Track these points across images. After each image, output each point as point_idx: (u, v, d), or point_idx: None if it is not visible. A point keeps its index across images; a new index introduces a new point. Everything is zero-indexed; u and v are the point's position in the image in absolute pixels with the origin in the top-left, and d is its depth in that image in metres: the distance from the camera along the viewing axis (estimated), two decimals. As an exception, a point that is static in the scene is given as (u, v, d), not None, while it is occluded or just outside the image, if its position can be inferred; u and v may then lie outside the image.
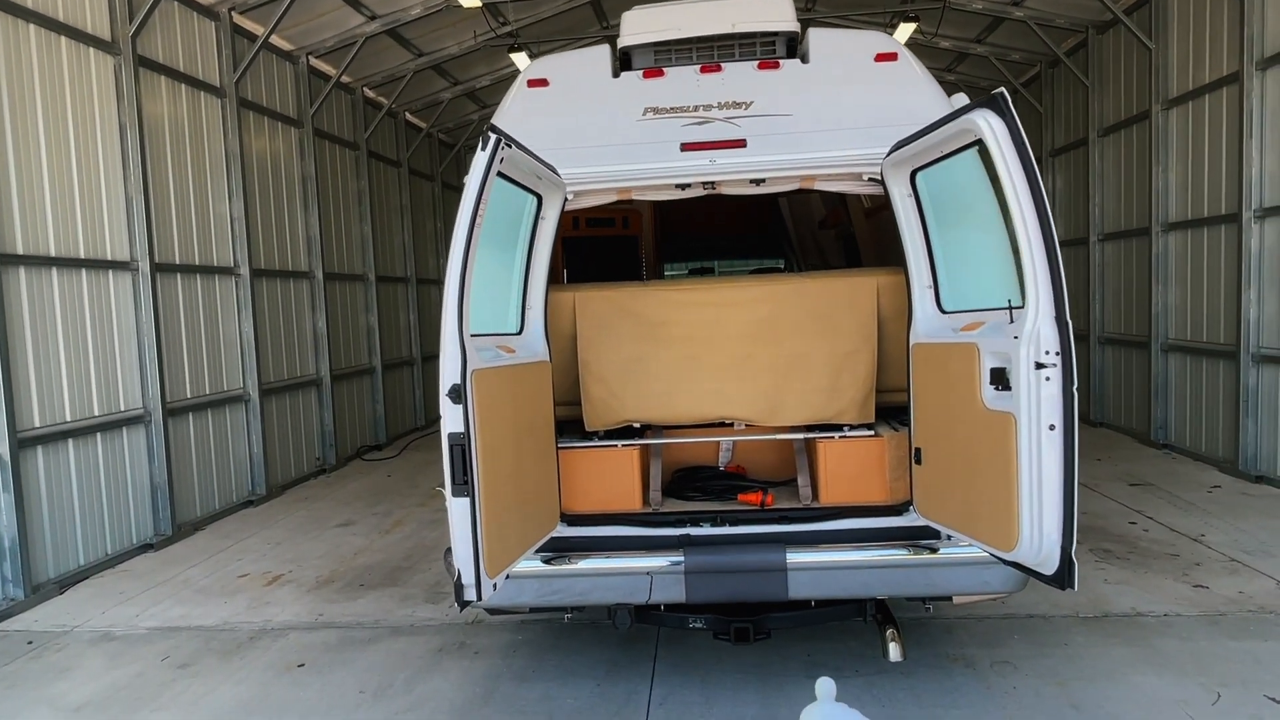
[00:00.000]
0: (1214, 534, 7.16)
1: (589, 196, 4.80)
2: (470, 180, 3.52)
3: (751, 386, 4.66)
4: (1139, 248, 11.36)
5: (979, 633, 5.35)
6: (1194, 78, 9.97)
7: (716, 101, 4.74)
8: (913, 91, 4.59)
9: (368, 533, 8.46)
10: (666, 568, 4.27)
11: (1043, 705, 4.45)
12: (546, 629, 5.70)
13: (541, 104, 4.85)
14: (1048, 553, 3.42)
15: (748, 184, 4.73)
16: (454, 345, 3.46)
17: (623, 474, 4.63)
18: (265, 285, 10.63)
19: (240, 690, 5.05)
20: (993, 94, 3.44)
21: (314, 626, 6.01)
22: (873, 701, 4.54)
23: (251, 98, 10.41)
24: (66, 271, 7.39)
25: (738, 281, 4.92)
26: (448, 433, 3.48)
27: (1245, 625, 5.32)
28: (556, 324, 4.76)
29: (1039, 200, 3.32)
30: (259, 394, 10.13)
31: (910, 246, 4.37)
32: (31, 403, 6.95)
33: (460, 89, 14.96)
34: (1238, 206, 9.02)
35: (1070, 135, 13.36)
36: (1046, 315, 3.33)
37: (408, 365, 15.30)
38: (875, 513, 4.43)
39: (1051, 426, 3.33)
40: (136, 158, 8.11)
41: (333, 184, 12.63)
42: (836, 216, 8.18)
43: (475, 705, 4.73)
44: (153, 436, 8.26)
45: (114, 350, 7.93)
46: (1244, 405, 8.97)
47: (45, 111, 7.22)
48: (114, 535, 7.81)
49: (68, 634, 6.07)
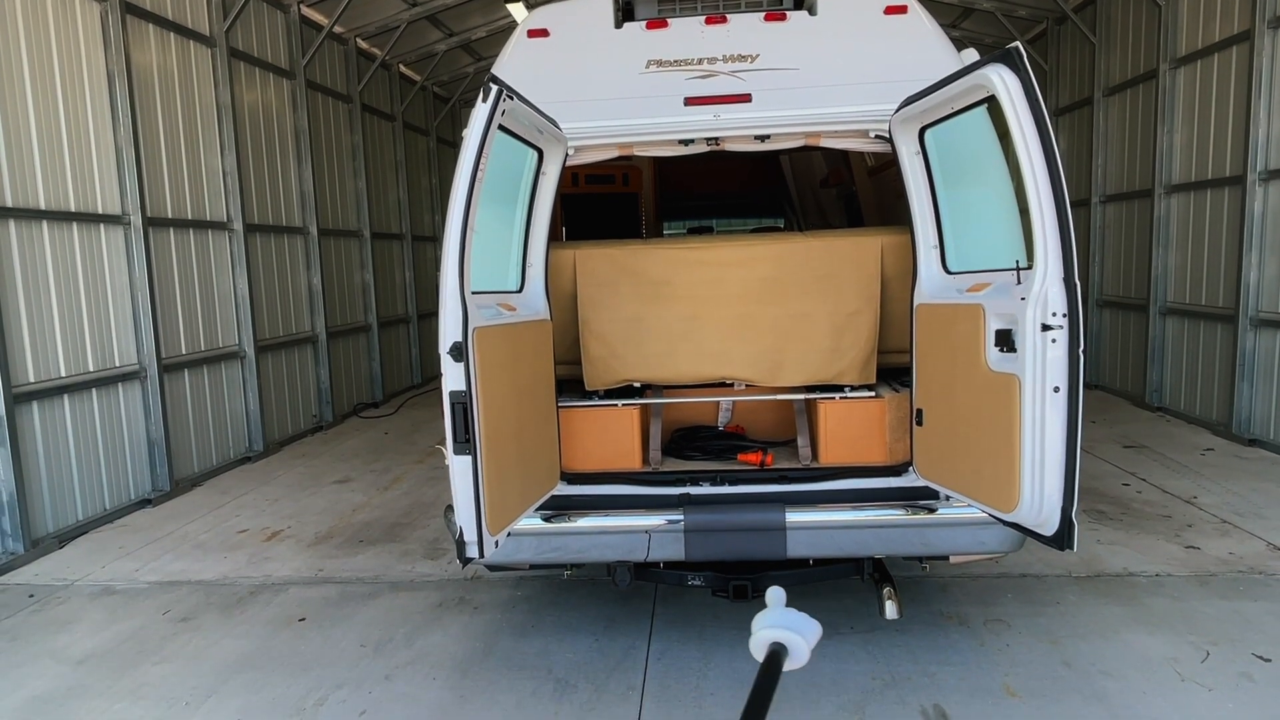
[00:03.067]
0: (1206, 496, 7.23)
1: (590, 152, 4.71)
2: (470, 133, 3.44)
3: (753, 346, 4.63)
4: (1140, 210, 11.29)
5: (973, 591, 5.42)
6: (1203, 36, 9.80)
7: (721, 54, 4.62)
8: (923, 46, 4.48)
9: (366, 489, 8.49)
10: (666, 526, 4.29)
11: (1035, 662, 4.52)
12: (545, 585, 5.75)
13: (541, 55, 4.73)
14: (1048, 514, 3.43)
15: (752, 140, 4.64)
16: (455, 302, 3.42)
17: (623, 433, 4.63)
18: (259, 241, 10.50)
19: (242, 644, 5.10)
20: (1007, 48, 3.36)
21: (314, 581, 6.06)
22: (868, 658, 4.61)
23: (242, 48, 10.17)
24: (57, 225, 7.28)
25: (740, 240, 4.86)
26: (449, 391, 3.45)
27: (1235, 585, 5.40)
28: (557, 282, 4.71)
29: (1051, 159, 3.26)
30: (255, 351, 10.07)
31: (916, 206, 4.31)
32: (26, 358, 6.90)
33: (455, 40, 14.65)
34: (1242, 169, 8.94)
35: (1075, 94, 13.17)
36: (1055, 276, 3.29)
37: (403, 323, 15.23)
38: (874, 473, 4.44)
39: (1056, 389, 3.32)
40: (126, 108, 7.94)
41: (326, 138, 12.42)
42: (839, 175, 8.07)
43: (475, 659, 4.79)
44: (149, 393, 8.22)
45: (108, 305, 7.85)
46: (1240, 369, 8.99)
47: (30, 59, 7.04)
48: (112, 490, 7.82)
49: (69, 588, 6.11)
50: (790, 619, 1.72)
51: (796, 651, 1.66)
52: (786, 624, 1.70)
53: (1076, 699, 4.16)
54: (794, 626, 1.68)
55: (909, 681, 4.37)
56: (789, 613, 1.75)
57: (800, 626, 1.70)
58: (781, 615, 1.73)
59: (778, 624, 1.70)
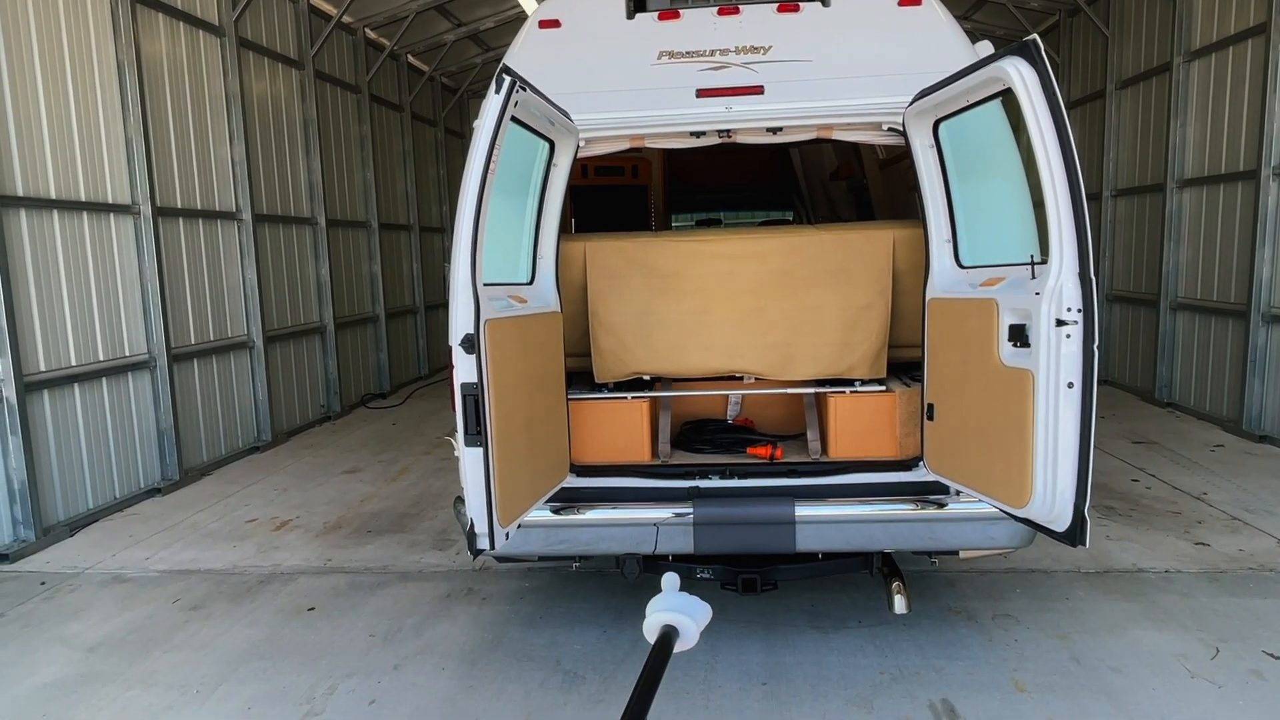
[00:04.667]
0: (1216, 492, 7.20)
1: (601, 144, 4.70)
2: (483, 124, 3.43)
3: (763, 340, 4.62)
4: (1152, 204, 11.21)
5: (981, 586, 5.41)
6: (1218, 29, 9.71)
7: (734, 46, 4.60)
8: (937, 38, 4.45)
9: (374, 480, 8.51)
10: (675, 519, 4.29)
11: (1044, 658, 4.52)
12: (554, 577, 5.76)
13: (553, 46, 4.72)
14: (1060, 510, 3.42)
15: (764, 132, 4.62)
16: (467, 294, 3.41)
17: (632, 426, 4.62)
18: (268, 231, 10.51)
19: (252, 632, 5.12)
20: (1024, 41, 3.33)
21: (323, 571, 6.08)
22: (876, 652, 4.61)
23: (251, 37, 10.16)
24: (67, 214, 7.30)
25: (751, 233, 4.84)
26: (460, 382, 3.45)
27: (1245, 582, 5.38)
28: (567, 274, 4.70)
29: (1068, 153, 3.23)
30: (263, 341, 10.10)
31: (930, 199, 4.28)
32: (36, 347, 6.92)
33: (464, 31, 14.60)
34: (1256, 163, 8.86)
35: (1087, 87, 13.07)
36: (1070, 271, 3.27)
37: (411, 314, 15.23)
38: (885, 468, 4.43)
39: (1070, 384, 3.30)
40: (135, 98, 7.94)
41: (334, 128, 12.41)
42: (849, 168, 8.04)
43: (484, 650, 4.80)
44: (158, 382, 8.25)
45: (117, 295, 7.88)
46: (1251, 365, 8.94)
47: (41, 49, 7.05)
48: (122, 479, 7.86)
49: (79, 575, 6.15)
50: (681, 602, 1.80)
51: (686, 633, 1.76)
52: (678, 607, 1.78)
53: (1085, 694, 4.16)
54: (685, 610, 1.77)
55: (917, 676, 4.37)
56: (681, 596, 1.83)
57: (691, 609, 1.79)
58: (674, 599, 1.82)
59: (669, 607, 1.78)
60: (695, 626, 1.75)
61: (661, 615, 1.75)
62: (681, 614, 1.74)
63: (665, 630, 1.72)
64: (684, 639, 1.73)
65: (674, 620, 1.73)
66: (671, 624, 1.73)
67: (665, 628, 1.73)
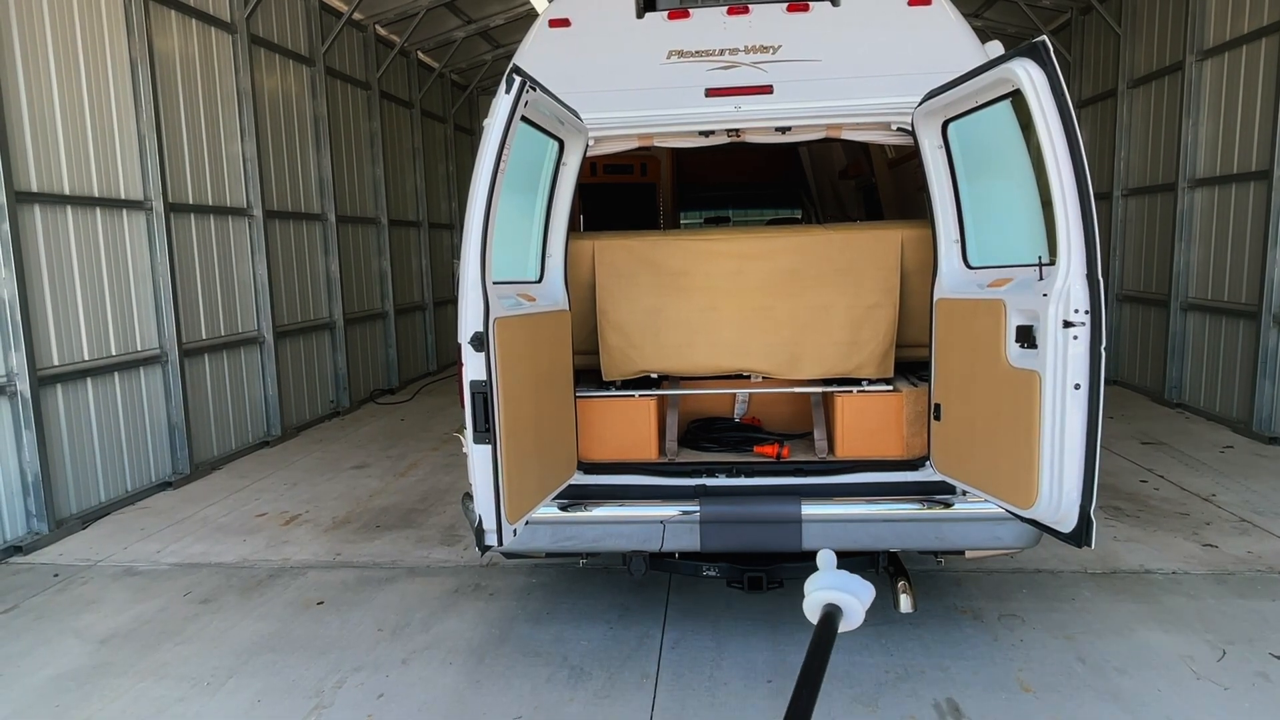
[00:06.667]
0: (1225, 494, 7.18)
1: (610, 142, 4.71)
2: (493, 123, 3.45)
3: (771, 339, 4.63)
4: (1163, 203, 11.15)
5: (987, 586, 5.41)
6: (1231, 28, 9.65)
7: (743, 45, 4.60)
8: (947, 38, 4.45)
9: (382, 475, 8.56)
10: (681, 517, 4.31)
11: (1049, 658, 4.52)
12: (560, 573, 5.79)
13: (562, 45, 4.73)
14: (1066, 511, 3.42)
15: (773, 132, 4.62)
16: (476, 292, 3.44)
17: (639, 424, 4.65)
18: (278, 227, 10.57)
19: (262, 626, 5.17)
20: (1034, 42, 3.33)
21: (332, 566, 6.13)
22: (881, 651, 4.63)
23: (262, 34, 10.21)
24: (81, 210, 7.36)
25: (760, 232, 4.85)
26: (470, 380, 3.47)
27: (1253, 584, 5.36)
28: (575, 273, 4.72)
29: (1076, 155, 3.23)
30: (273, 336, 10.16)
31: (938, 199, 4.28)
32: (50, 341, 6.99)
33: (473, 28, 14.63)
34: (1269, 163, 8.81)
35: (1098, 86, 13.01)
36: (1078, 273, 3.27)
37: (420, 310, 15.29)
38: (891, 467, 4.44)
39: (1077, 386, 3.31)
40: (148, 94, 8.00)
41: (345, 125, 12.46)
42: (858, 167, 8.03)
43: (492, 645, 4.84)
44: (169, 377, 8.32)
45: (130, 290, 7.94)
46: (1262, 366, 8.90)
47: (55, 46, 7.11)
48: (134, 473, 7.93)
49: (92, 568, 6.21)
50: (843, 580, 1.66)
51: (851, 612, 1.62)
52: (840, 585, 1.64)
53: (1090, 695, 4.16)
54: (848, 588, 1.63)
55: (922, 675, 4.38)
56: (841, 574, 1.69)
57: (854, 588, 1.65)
58: (834, 577, 1.68)
59: (831, 585, 1.64)
60: (860, 605, 1.61)
61: (824, 594, 1.61)
62: (845, 592, 1.61)
63: (828, 610, 1.59)
64: (848, 619, 1.59)
65: (838, 599, 1.60)
66: (835, 603, 1.60)
67: (828, 607, 1.59)
